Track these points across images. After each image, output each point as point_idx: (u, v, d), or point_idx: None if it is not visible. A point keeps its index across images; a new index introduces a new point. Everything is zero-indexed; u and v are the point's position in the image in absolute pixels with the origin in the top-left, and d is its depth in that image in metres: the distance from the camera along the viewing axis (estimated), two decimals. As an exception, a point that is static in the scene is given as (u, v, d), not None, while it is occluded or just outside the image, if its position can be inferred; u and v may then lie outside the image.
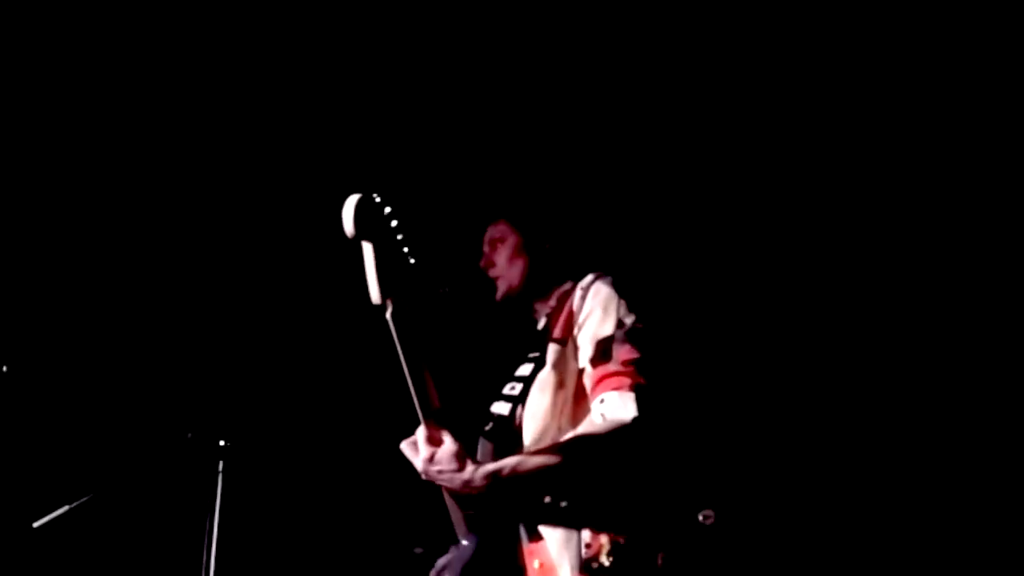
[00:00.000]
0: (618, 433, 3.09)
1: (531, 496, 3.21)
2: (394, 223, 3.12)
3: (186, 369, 6.03)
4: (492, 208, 3.74)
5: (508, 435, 3.33)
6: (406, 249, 3.15)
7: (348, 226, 3.04)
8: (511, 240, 3.63)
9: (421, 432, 3.13)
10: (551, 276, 3.61)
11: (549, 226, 3.68)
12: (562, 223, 3.70)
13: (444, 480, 3.06)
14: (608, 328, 3.26)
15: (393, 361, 3.09)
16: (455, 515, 3.34)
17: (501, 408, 3.43)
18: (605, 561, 3.08)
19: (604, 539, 3.09)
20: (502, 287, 3.64)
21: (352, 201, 3.04)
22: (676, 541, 3.17)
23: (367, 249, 3.09)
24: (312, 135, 5.99)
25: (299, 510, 5.96)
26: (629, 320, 3.27)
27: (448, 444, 3.07)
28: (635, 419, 3.08)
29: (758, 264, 6.70)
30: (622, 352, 3.21)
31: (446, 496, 3.29)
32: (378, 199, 3.10)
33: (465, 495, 3.18)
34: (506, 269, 3.62)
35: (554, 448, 3.16)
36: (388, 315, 3.08)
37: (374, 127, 6.02)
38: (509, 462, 3.09)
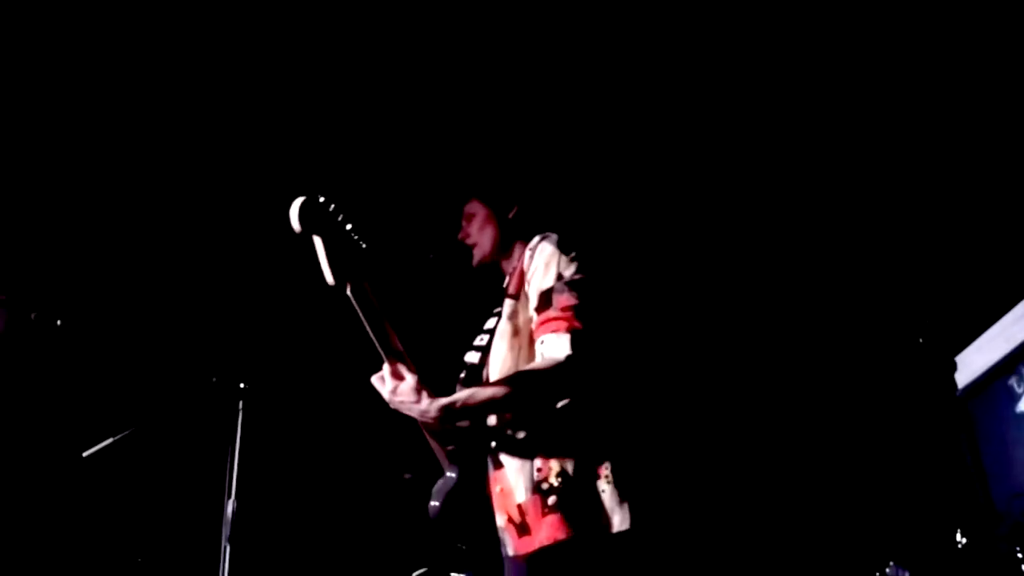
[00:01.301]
0: (553, 370, 3.23)
1: (485, 426, 3.38)
2: (340, 217, 3.27)
3: (211, 324, 6.15)
4: (466, 188, 3.90)
5: (478, 380, 3.39)
6: (356, 236, 3.30)
7: (295, 225, 3.20)
8: (482, 213, 3.70)
9: (386, 368, 3.31)
10: (515, 240, 3.66)
11: (511, 199, 3.83)
12: (522, 196, 3.86)
13: (405, 409, 3.17)
14: (550, 280, 3.37)
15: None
16: (438, 451, 3.50)
17: (472, 357, 3.50)
18: (555, 482, 3.13)
19: (553, 463, 3.17)
20: (477, 254, 3.68)
21: (296, 204, 3.19)
22: (615, 464, 3.34)
23: (317, 242, 3.24)
24: (315, 127, 6.11)
25: (307, 443, 6.08)
26: (568, 272, 3.39)
27: (408, 379, 3.23)
28: (568, 357, 3.20)
29: (690, 225, 6.87)
30: (561, 300, 3.33)
31: (427, 436, 3.46)
32: (322, 199, 3.25)
33: (445, 431, 3.35)
34: (478, 238, 3.70)
35: (500, 382, 3.27)
36: (348, 292, 3.25)
37: (374, 129, 6.10)
38: (461, 395, 3.23)
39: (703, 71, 6.18)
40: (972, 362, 7.49)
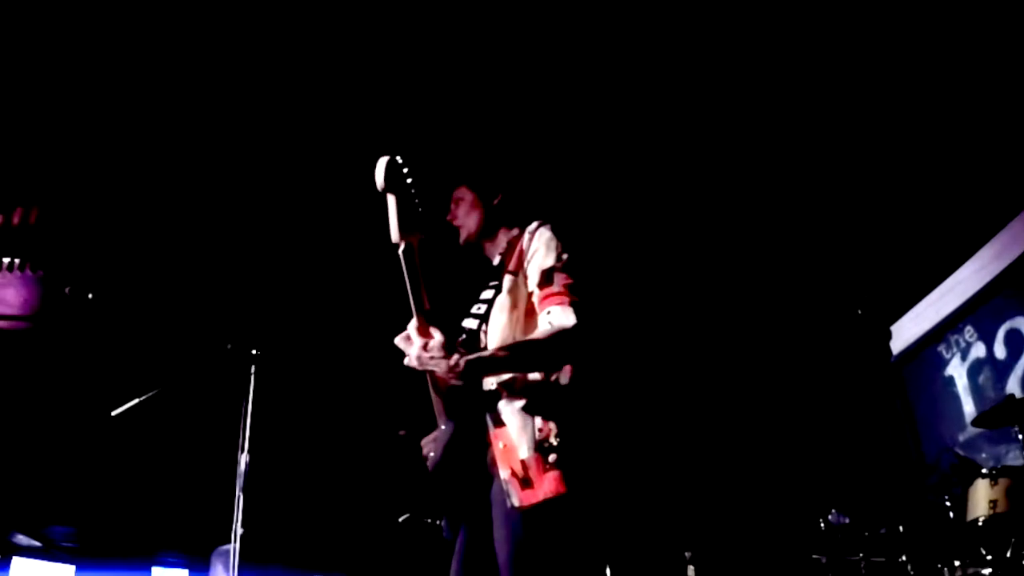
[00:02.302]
0: (561, 335, 3.36)
1: (497, 387, 3.50)
2: (410, 180, 3.35)
3: (226, 298, 6.19)
4: (455, 176, 4.01)
5: (476, 344, 3.43)
6: (417, 201, 3.38)
7: (380, 181, 3.22)
8: (469, 198, 3.75)
9: (413, 326, 3.40)
10: (498, 223, 3.73)
11: (495, 187, 3.94)
12: (505, 185, 3.96)
13: (433, 365, 3.28)
14: (550, 260, 3.49)
15: (397, 284, 3.35)
16: (437, 406, 3.58)
17: (470, 323, 3.54)
18: (554, 441, 3.30)
19: (552, 425, 3.39)
20: (463, 234, 3.72)
21: (383, 161, 3.22)
22: (610, 424, 3.47)
23: (391, 200, 3.30)
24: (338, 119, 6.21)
25: (312, 403, 6.15)
26: (565, 255, 3.57)
27: (438, 336, 3.32)
28: (574, 325, 3.40)
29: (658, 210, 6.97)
30: (561, 278, 3.45)
31: (431, 391, 3.56)
32: (400, 160, 3.33)
33: (449, 390, 3.46)
34: (465, 220, 3.75)
35: (517, 344, 3.41)
36: (401, 251, 3.35)
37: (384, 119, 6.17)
38: (485, 353, 3.36)
39: (654, 70, 6.27)
40: (905, 331, 7.59)
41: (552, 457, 3.21)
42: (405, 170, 3.23)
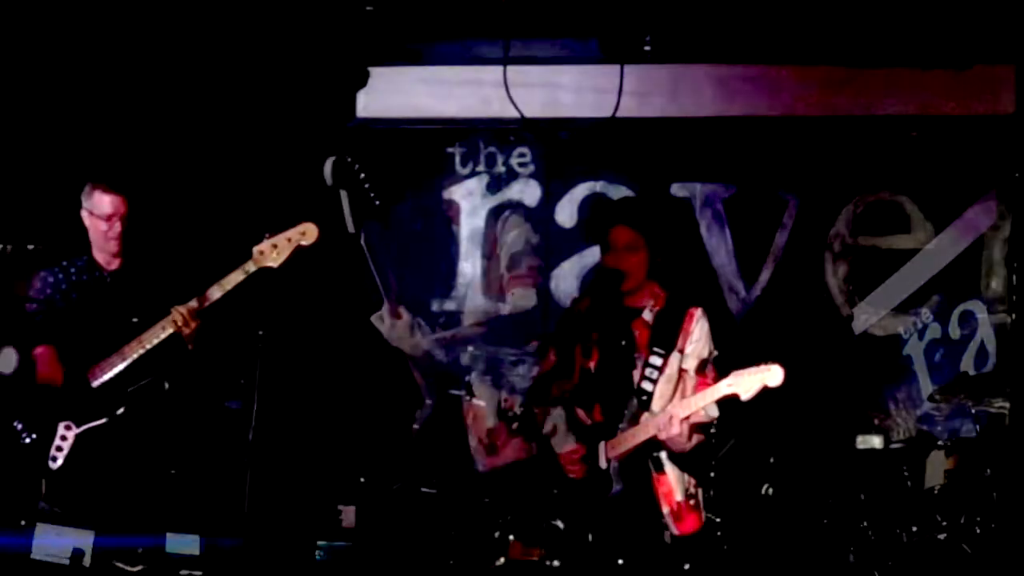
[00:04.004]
0: (523, 316, 3.41)
1: (469, 364, 3.49)
2: (363, 175, 3.36)
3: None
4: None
5: (457, 322, 3.60)
6: (372, 194, 3.39)
7: (328, 179, 3.29)
8: None
9: (385, 308, 3.43)
10: None
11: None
12: None
13: (403, 343, 3.38)
14: (518, 246, 3.57)
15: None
16: (420, 382, 3.62)
17: (450, 305, 3.69)
18: (517, 410, 3.40)
19: (516, 396, 3.42)
20: None
21: (329, 162, 3.30)
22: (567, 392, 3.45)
23: (343, 195, 3.33)
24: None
25: (312, 382, 6.11)
26: (534, 240, 3.58)
27: (405, 317, 3.37)
28: (534, 306, 3.41)
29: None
30: (528, 261, 3.52)
31: (412, 369, 3.57)
32: (349, 159, 3.34)
33: (428, 369, 3.48)
34: None
35: (481, 323, 3.44)
36: (362, 241, 3.36)
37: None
38: (449, 332, 3.39)
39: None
40: (867, 313, 7.59)
41: (515, 425, 3.27)
42: (356, 167, 3.28)
